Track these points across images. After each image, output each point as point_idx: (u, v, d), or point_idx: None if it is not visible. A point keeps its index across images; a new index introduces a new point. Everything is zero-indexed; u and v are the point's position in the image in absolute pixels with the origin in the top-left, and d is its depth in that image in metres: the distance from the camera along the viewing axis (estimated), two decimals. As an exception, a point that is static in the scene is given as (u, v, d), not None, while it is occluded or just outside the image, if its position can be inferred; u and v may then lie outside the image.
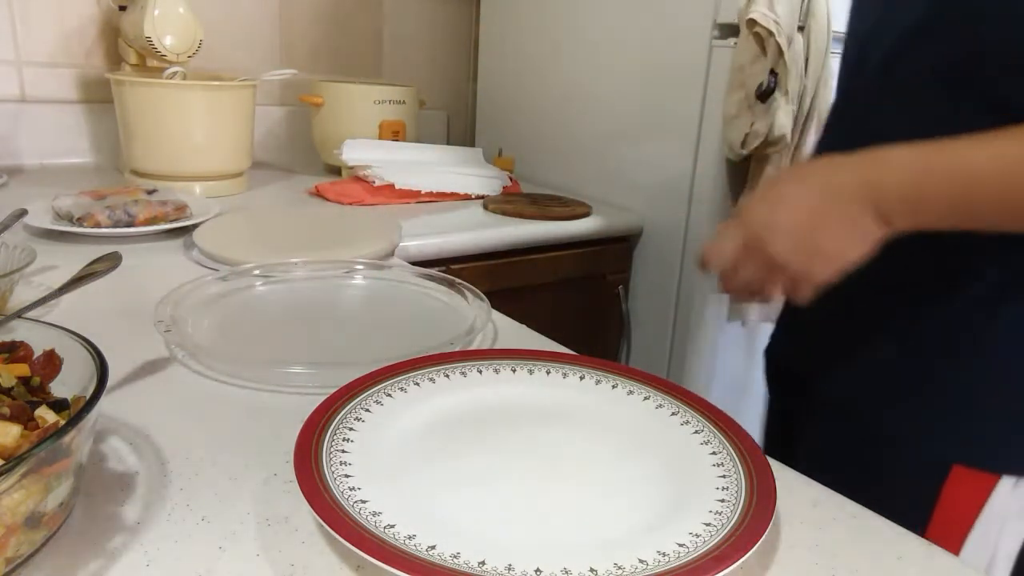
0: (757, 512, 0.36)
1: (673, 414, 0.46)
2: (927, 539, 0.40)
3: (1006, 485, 0.56)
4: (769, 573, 0.36)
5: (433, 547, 0.32)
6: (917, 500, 0.58)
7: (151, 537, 0.35)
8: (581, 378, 0.51)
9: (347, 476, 0.37)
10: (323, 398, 0.44)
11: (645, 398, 0.48)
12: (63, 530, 0.35)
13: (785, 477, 0.45)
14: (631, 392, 0.49)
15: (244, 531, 0.36)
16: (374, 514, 0.34)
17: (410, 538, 0.33)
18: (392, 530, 0.33)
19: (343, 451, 0.40)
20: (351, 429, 0.42)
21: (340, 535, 0.32)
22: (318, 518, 0.33)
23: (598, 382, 0.50)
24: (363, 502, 0.35)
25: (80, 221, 0.83)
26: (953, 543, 0.58)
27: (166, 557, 0.34)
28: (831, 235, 0.47)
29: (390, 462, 0.40)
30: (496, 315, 0.68)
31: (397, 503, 0.36)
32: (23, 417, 0.34)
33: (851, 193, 0.46)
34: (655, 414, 0.47)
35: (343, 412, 0.43)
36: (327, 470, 0.37)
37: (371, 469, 0.39)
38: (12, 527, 0.30)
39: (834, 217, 0.47)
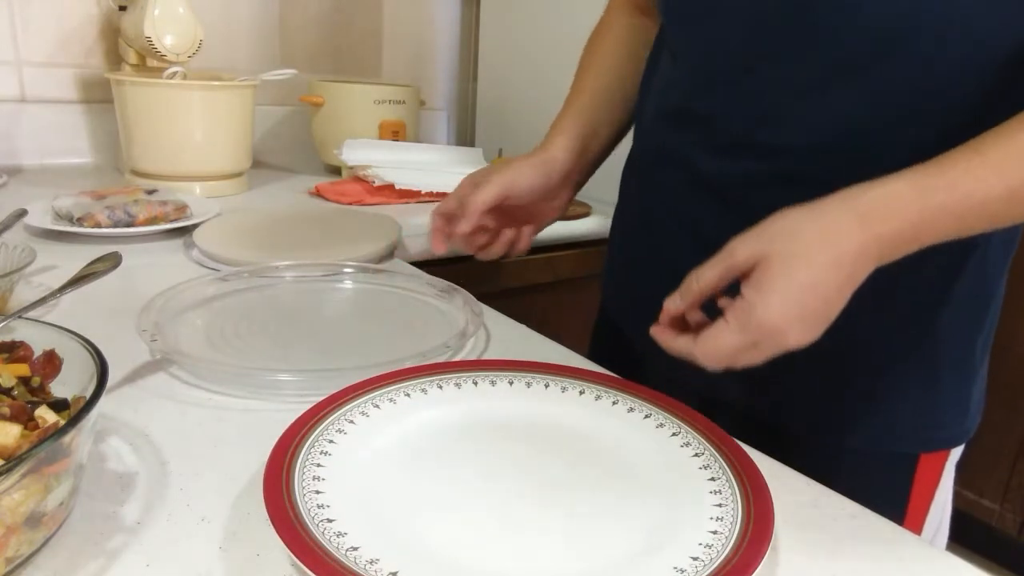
0: (749, 548, 0.34)
1: (674, 434, 0.45)
2: (906, 527, 0.40)
3: (953, 456, 0.60)
4: (769, 573, 0.36)
5: (395, 573, 0.31)
6: (891, 495, 0.59)
7: (151, 537, 0.35)
8: (581, 392, 0.49)
9: (318, 492, 0.36)
10: (311, 406, 0.44)
11: (646, 416, 0.47)
12: (63, 530, 0.35)
13: (785, 477, 0.44)
14: (631, 409, 0.47)
15: (244, 531, 0.36)
16: (339, 535, 0.33)
17: (372, 563, 0.32)
18: (354, 553, 0.32)
19: (319, 464, 0.38)
20: (331, 442, 0.41)
21: (295, 554, 0.31)
22: (276, 533, 0.32)
23: (598, 398, 0.49)
24: (329, 521, 0.34)
25: (80, 221, 0.83)
26: (919, 523, 0.60)
27: (166, 557, 0.34)
28: (839, 306, 0.44)
29: (365, 480, 0.39)
30: (495, 316, 0.68)
31: (367, 524, 0.35)
32: (23, 417, 0.34)
33: (861, 262, 0.44)
34: (654, 434, 0.45)
35: (322, 426, 0.42)
36: (298, 486, 0.36)
37: (344, 488, 0.37)
38: (12, 527, 0.30)
39: (846, 291, 0.44)
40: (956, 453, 0.60)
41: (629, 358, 0.69)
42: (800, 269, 0.42)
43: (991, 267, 0.56)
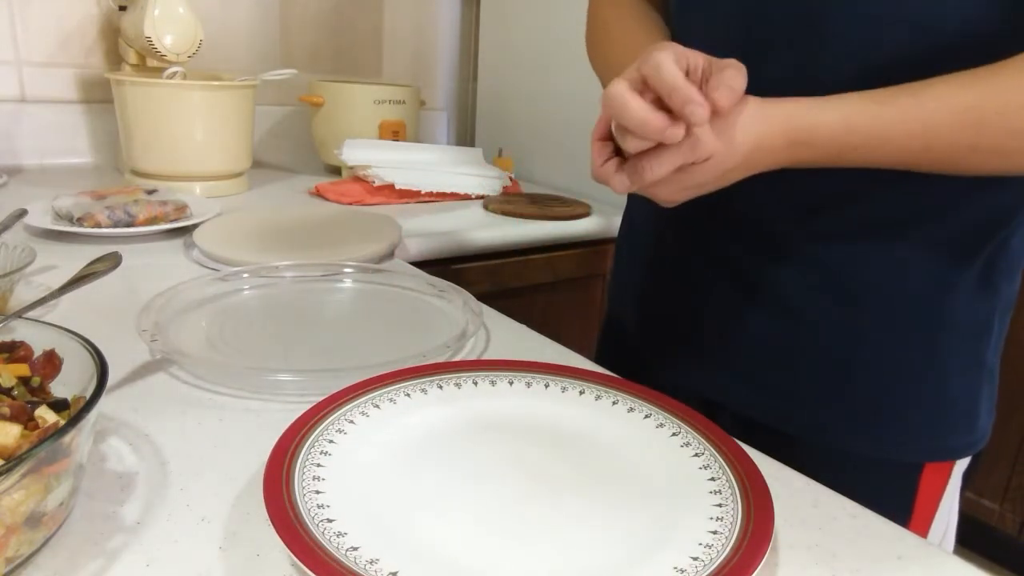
0: (749, 548, 0.34)
1: (674, 434, 0.44)
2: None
3: (959, 467, 0.59)
4: (769, 573, 0.36)
5: (395, 573, 0.31)
6: (893, 504, 0.58)
7: (151, 537, 0.35)
8: (581, 392, 0.49)
9: (318, 492, 0.36)
10: (311, 405, 0.44)
11: (646, 416, 0.46)
12: (63, 530, 0.35)
13: (785, 477, 0.44)
14: (632, 409, 0.47)
15: (244, 531, 0.36)
16: (339, 535, 0.33)
17: (372, 563, 0.32)
18: (354, 553, 0.32)
19: (319, 465, 0.38)
20: (331, 442, 0.41)
21: (295, 554, 0.31)
22: (276, 533, 0.32)
23: (598, 398, 0.49)
24: (329, 521, 0.34)
25: (80, 221, 0.83)
26: (923, 529, 0.60)
27: (166, 557, 0.34)
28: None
29: (365, 480, 0.39)
30: (495, 316, 0.68)
31: (367, 524, 0.35)
32: (23, 417, 0.34)
33: (764, 167, 0.48)
34: (654, 434, 0.45)
35: (322, 426, 0.42)
36: (298, 486, 0.36)
37: (344, 488, 0.37)
38: (12, 527, 0.30)
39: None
40: (963, 464, 0.59)
41: (634, 362, 0.69)
42: (721, 170, 0.47)
43: (998, 271, 0.55)
